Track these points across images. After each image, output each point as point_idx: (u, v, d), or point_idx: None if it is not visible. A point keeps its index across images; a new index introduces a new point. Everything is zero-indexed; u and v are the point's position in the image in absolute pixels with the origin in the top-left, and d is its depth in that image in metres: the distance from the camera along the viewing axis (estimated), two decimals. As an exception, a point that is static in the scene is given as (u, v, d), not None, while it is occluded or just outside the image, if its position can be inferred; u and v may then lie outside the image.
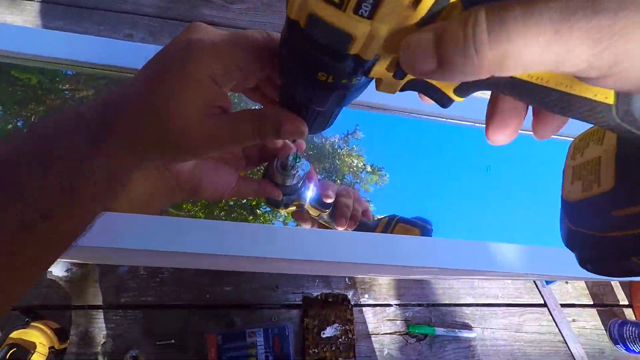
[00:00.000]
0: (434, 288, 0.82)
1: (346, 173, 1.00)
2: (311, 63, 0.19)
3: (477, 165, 0.61)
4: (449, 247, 0.39)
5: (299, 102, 0.25)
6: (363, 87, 0.23)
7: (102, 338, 0.64)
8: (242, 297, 0.72)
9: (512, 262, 0.40)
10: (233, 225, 0.35)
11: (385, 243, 0.38)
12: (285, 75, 0.23)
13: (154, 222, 0.34)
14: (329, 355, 0.71)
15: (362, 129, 0.72)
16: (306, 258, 0.36)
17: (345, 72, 0.19)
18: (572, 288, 0.89)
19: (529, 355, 0.80)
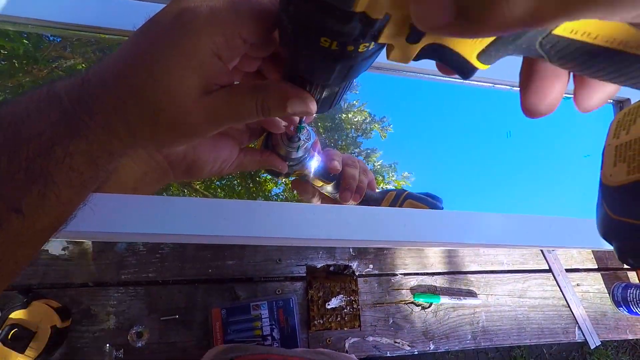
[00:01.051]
0: (439, 257, 0.81)
1: (347, 130, 0.97)
2: (313, 27, 0.17)
3: (498, 130, 0.58)
4: (461, 221, 0.37)
5: (303, 76, 0.22)
6: (372, 58, 0.20)
7: (105, 315, 0.63)
8: (245, 270, 0.71)
9: (528, 235, 0.38)
10: (232, 203, 0.33)
11: (395, 218, 0.36)
12: (286, 44, 0.21)
13: (146, 202, 0.31)
14: (335, 325, 0.71)
15: (367, 88, 0.68)
16: (313, 237, 0.34)
17: (352, 35, 0.17)
18: (578, 253, 0.89)
19: (532, 319, 0.81)
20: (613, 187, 0.18)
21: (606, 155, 0.19)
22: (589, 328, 0.83)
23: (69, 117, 0.20)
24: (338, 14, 0.15)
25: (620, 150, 0.18)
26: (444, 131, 0.52)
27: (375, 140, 0.67)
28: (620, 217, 0.18)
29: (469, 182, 0.49)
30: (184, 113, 0.21)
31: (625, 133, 0.18)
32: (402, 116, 0.60)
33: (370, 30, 0.16)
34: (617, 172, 0.18)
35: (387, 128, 1.10)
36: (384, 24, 0.16)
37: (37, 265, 0.64)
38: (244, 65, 0.25)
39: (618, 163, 0.18)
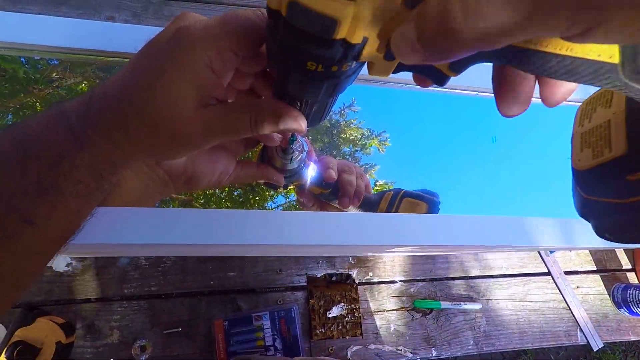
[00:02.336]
0: (438, 262, 0.82)
1: (346, 146, 0.98)
2: (299, 53, 0.18)
3: (483, 136, 0.60)
4: (458, 224, 0.38)
5: (292, 95, 0.24)
6: (355, 74, 0.22)
7: (109, 330, 0.64)
8: (246, 281, 0.72)
9: (523, 236, 0.39)
10: (232, 213, 0.34)
11: (393, 223, 0.37)
12: (275, 66, 0.22)
13: (148, 214, 0.32)
14: (336, 334, 0.71)
15: (361, 102, 0.70)
16: (314, 243, 0.35)
17: (335, 58, 0.18)
18: (576, 255, 0.89)
19: (533, 323, 0.81)
20: (582, 171, 0.20)
21: (574, 143, 0.21)
22: (591, 330, 0.83)
23: (75, 132, 0.22)
24: (321, 42, 0.17)
25: (585, 137, 0.20)
26: (433, 139, 0.54)
27: (373, 155, 0.69)
28: (592, 197, 0.20)
29: (462, 187, 0.50)
30: (182, 124, 0.22)
31: (588, 121, 0.20)
32: (392, 127, 0.62)
33: (351, 53, 0.18)
34: (584, 157, 0.20)
35: (384, 143, 1.11)
36: (363, 46, 0.17)
37: (41, 283, 0.65)
38: (237, 83, 0.27)
39: (584, 149, 0.20)
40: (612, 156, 0.18)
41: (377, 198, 0.52)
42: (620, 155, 0.17)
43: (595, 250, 0.90)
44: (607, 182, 0.18)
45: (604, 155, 0.18)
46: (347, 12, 0.15)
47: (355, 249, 0.56)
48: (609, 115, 0.18)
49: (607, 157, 0.18)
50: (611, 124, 0.18)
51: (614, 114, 0.18)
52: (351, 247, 0.45)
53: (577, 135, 0.21)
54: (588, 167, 0.19)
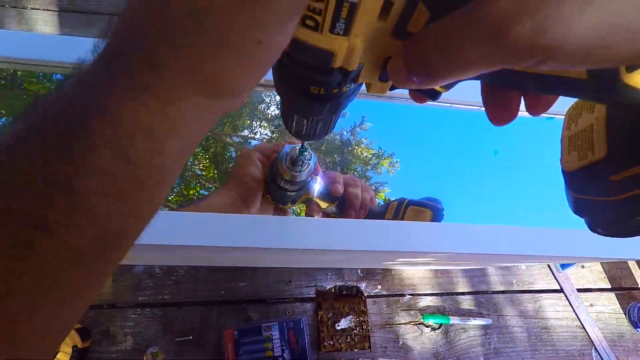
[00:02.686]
0: (447, 277, 0.81)
1: (356, 164, 1.00)
2: (302, 80, 0.21)
3: (485, 149, 0.61)
4: (466, 233, 0.39)
5: (299, 114, 0.26)
6: (355, 93, 0.24)
7: (123, 336, 0.66)
8: (257, 292, 0.73)
9: (534, 246, 0.40)
10: (261, 219, 0.36)
11: (403, 230, 0.38)
12: (282, 93, 0.25)
13: (178, 218, 0.35)
14: (344, 346, 0.71)
15: (369, 119, 0.72)
16: (330, 248, 0.37)
17: (334, 83, 0.20)
18: (589, 272, 0.88)
19: (545, 341, 0.80)
20: (570, 172, 0.21)
21: (562, 145, 0.22)
22: (606, 350, 0.81)
23: (85, 90, 0.15)
24: (321, 71, 0.19)
25: (572, 140, 0.21)
26: (437, 152, 0.56)
27: (383, 174, 0.71)
28: (582, 196, 0.21)
29: (466, 198, 0.51)
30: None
31: (574, 125, 0.21)
32: (398, 141, 0.64)
33: (349, 77, 0.20)
34: (571, 159, 0.21)
35: (395, 165, 1.13)
36: (359, 71, 0.20)
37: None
38: None
39: (571, 152, 0.21)
40: (595, 158, 0.19)
41: (383, 209, 0.54)
42: (601, 157, 0.19)
43: (608, 268, 0.89)
44: (593, 182, 0.20)
45: (588, 158, 0.20)
46: (341, 46, 0.17)
47: (364, 258, 0.57)
48: (592, 120, 0.20)
49: (591, 160, 0.19)
50: (594, 128, 0.20)
51: (596, 119, 0.20)
52: (360, 255, 0.46)
53: (565, 139, 0.22)
54: (575, 168, 0.21)
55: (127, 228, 0.17)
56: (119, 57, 0.14)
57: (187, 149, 0.17)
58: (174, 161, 0.16)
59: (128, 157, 0.15)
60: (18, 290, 0.14)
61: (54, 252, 0.15)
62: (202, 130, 0.17)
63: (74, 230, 0.15)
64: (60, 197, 0.14)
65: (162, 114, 0.14)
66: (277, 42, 0.14)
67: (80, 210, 0.15)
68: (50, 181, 0.14)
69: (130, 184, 0.15)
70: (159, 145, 0.15)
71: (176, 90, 0.14)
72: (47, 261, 0.15)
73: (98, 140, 0.14)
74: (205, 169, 1.94)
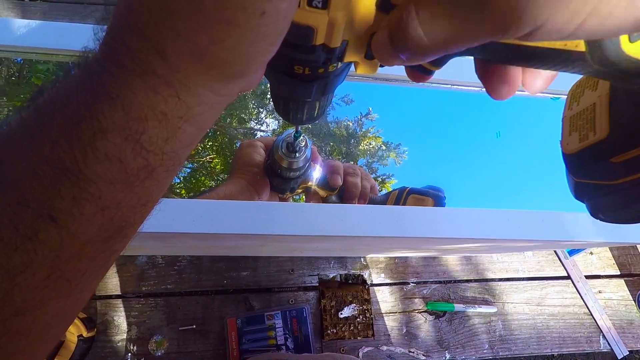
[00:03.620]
0: (451, 264, 0.81)
1: (364, 156, 0.99)
2: (285, 60, 0.20)
3: (487, 131, 0.60)
4: (466, 217, 0.38)
5: (286, 96, 0.25)
6: (343, 73, 0.23)
7: (127, 326, 0.67)
8: (259, 281, 0.73)
9: (536, 230, 0.39)
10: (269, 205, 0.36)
11: (403, 215, 0.37)
12: (267, 75, 0.23)
13: (181, 205, 0.34)
14: (348, 335, 0.71)
15: (375, 109, 0.71)
16: (333, 234, 0.36)
17: (319, 61, 0.19)
18: (597, 259, 0.86)
19: (552, 328, 0.79)
20: (570, 155, 0.20)
21: (563, 126, 0.21)
22: (615, 337, 0.80)
23: (93, 76, 0.14)
24: (302, 48, 0.18)
25: (573, 120, 0.20)
26: (437, 135, 0.55)
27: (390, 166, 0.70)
28: (582, 180, 0.20)
29: (468, 182, 0.50)
30: None
31: (576, 104, 0.20)
32: (397, 124, 0.63)
33: (333, 55, 0.19)
34: (572, 140, 0.20)
35: (402, 155, 1.11)
36: (344, 48, 0.18)
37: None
38: None
39: (572, 132, 0.20)
40: (596, 139, 0.18)
41: (384, 198, 0.53)
42: (603, 138, 0.18)
43: (617, 254, 0.87)
44: (594, 165, 0.19)
45: (589, 139, 0.18)
46: (321, 21, 0.16)
47: (368, 245, 0.56)
48: (595, 98, 0.19)
49: (592, 140, 0.18)
50: (596, 107, 0.18)
51: (599, 97, 0.18)
52: (364, 242, 0.45)
53: (567, 119, 0.21)
54: (575, 150, 0.19)
55: (133, 216, 0.16)
56: (124, 47, 0.13)
57: (200, 133, 0.16)
58: (186, 146, 0.16)
59: (140, 143, 0.14)
60: (22, 283, 0.14)
61: (59, 242, 0.14)
62: (216, 113, 0.16)
63: (81, 219, 0.14)
64: (67, 184, 0.14)
65: (177, 99, 0.14)
66: (283, 10, 0.13)
67: (87, 198, 0.14)
68: (57, 167, 0.13)
69: (140, 170, 0.15)
70: (173, 130, 0.15)
71: (188, 76, 0.14)
72: (52, 253, 0.14)
73: (109, 125, 0.13)
74: (212, 160, 1.94)
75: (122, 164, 0.14)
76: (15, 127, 0.14)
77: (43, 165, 0.13)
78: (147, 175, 0.15)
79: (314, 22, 0.16)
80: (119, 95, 0.13)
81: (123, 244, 0.17)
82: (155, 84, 0.13)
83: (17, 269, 0.14)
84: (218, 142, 1.95)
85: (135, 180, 0.15)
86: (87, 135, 0.13)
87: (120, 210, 0.15)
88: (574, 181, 0.21)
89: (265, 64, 0.15)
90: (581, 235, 0.39)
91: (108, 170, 0.14)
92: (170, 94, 0.14)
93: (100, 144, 0.13)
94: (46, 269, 0.14)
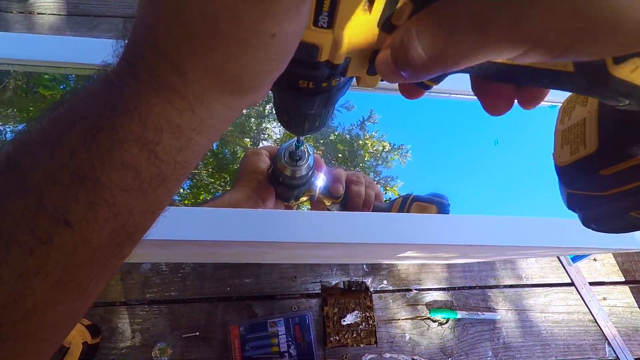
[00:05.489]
0: (454, 271, 0.81)
1: (367, 159, 1.00)
2: (290, 75, 0.20)
3: (485, 139, 0.60)
4: (472, 224, 0.38)
5: (290, 108, 0.26)
6: (346, 86, 0.24)
7: (131, 332, 0.67)
8: (262, 288, 0.73)
9: (540, 236, 0.39)
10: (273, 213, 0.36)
11: (406, 222, 0.38)
12: (272, 88, 0.24)
13: (191, 213, 0.35)
14: (351, 342, 0.71)
15: (377, 111, 0.72)
16: (335, 241, 0.36)
17: (323, 77, 0.20)
18: (601, 265, 0.86)
19: (556, 335, 0.78)
20: (562, 167, 0.21)
21: (555, 140, 0.22)
22: (620, 344, 0.79)
23: (113, 89, 0.15)
24: (308, 64, 0.19)
25: (565, 134, 0.21)
26: (436, 143, 0.55)
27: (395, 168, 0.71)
28: (574, 191, 0.21)
29: (470, 190, 0.50)
30: None
31: (568, 119, 0.21)
32: (395, 132, 0.64)
33: (337, 71, 0.20)
34: (563, 153, 0.20)
35: (406, 155, 1.12)
36: (347, 65, 0.19)
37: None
38: None
39: (564, 145, 0.21)
40: (586, 153, 0.19)
41: (388, 206, 0.53)
42: (592, 152, 0.18)
43: (621, 261, 0.87)
44: (585, 177, 0.19)
45: (579, 152, 0.19)
46: (326, 39, 0.17)
47: (371, 252, 0.56)
48: (585, 113, 0.19)
49: (582, 154, 0.19)
50: (586, 122, 0.19)
51: (589, 112, 0.19)
52: (367, 249, 0.46)
53: (558, 133, 0.22)
54: (567, 163, 0.20)
55: (143, 223, 0.17)
56: (143, 63, 0.14)
57: (209, 144, 0.17)
58: (196, 156, 0.17)
59: (154, 153, 0.15)
60: (35, 286, 0.15)
61: (73, 247, 0.15)
62: (226, 125, 0.17)
63: (95, 224, 0.15)
64: (84, 190, 0.14)
65: (191, 112, 0.15)
66: (291, 32, 0.14)
67: (102, 204, 0.15)
68: (75, 174, 0.14)
69: (154, 179, 0.16)
70: (186, 142, 0.16)
71: (202, 90, 0.14)
72: (65, 257, 0.15)
73: (126, 135, 0.14)
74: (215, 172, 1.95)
75: (137, 173, 0.15)
76: (36, 135, 0.15)
77: (62, 172, 0.14)
78: (160, 183, 0.16)
79: (319, 41, 0.17)
80: (136, 108, 0.14)
81: (130, 250, 0.18)
82: (171, 98, 0.14)
83: (30, 272, 0.14)
84: (221, 155, 1.96)
85: (148, 188, 0.16)
86: (106, 145, 0.14)
87: (132, 217, 0.16)
88: (566, 192, 0.21)
89: (274, 80, 0.16)
90: (585, 242, 0.40)
91: (123, 178, 0.15)
92: (185, 108, 0.15)
93: (117, 153, 0.14)
94: (58, 273, 0.15)
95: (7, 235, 0.14)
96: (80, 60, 0.48)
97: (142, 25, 0.14)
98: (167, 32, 0.13)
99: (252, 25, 0.13)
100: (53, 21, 0.85)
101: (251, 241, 0.35)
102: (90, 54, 0.48)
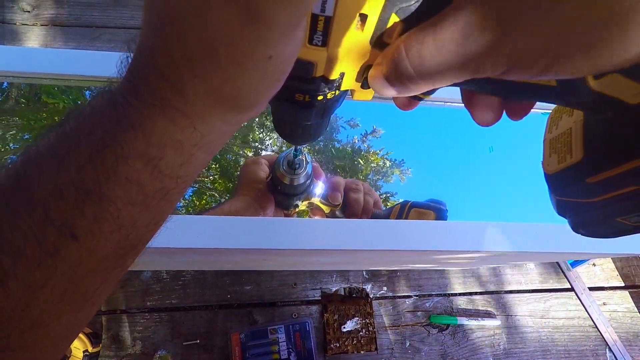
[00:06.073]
0: (454, 277, 0.81)
1: (368, 172, 1.00)
2: (287, 89, 0.21)
3: (480, 146, 0.61)
4: (471, 230, 0.39)
5: (287, 119, 0.27)
6: (341, 98, 0.25)
7: (131, 340, 0.67)
8: (262, 295, 0.74)
9: (539, 242, 0.40)
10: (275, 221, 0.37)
11: (404, 228, 0.38)
12: (270, 102, 0.25)
13: (191, 221, 0.35)
14: (351, 348, 0.71)
15: (378, 124, 0.73)
16: (331, 248, 0.37)
17: (318, 91, 0.21)
18: (601, 270, 0.86)
19: (557, 341, 0.78)
20: (551, 175, 0.21)
21: (544, 148, 0.23)
22: (621, 350, 0.79)
23: (118, 107, 0.15)
24: (304, 80, 0.20)
25: (553, 143, 0.21)
26: (433, 151, 0.56)
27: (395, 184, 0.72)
28: (563, 198, 0.21)
29: (473, 195, 0.51)
30: None
31: (555, 128, 0.21)
32: (393, 140, 0.65)
33: (332, 85, 0.21)
34: (551, 161, 0.21)
35: (406, 172, 1.13)
36: (341, 79, 0.20)
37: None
38: None
39: (552, 154, 0.21)
40: (573, 161, 0.19)
41: (386, 213, 0.54)
42: (578, 160, 0.19)
43: (621, 266, 0.87)
44: (572, 184, 0.20)
45: (566, 161, 0.20)
46: (321, 57, 0.18)
47: (370, 258, 0.57)
48: (571, 123, 0.20)
49: (569, 163, 0.19)
50: (572, 131, 0.20)
51: (575, 122, 0.20)
52: (365, 255, 0.46)
53: (547, 142, 0.22)
54: (555, 171, 0.21)
55: (146, 234, 0.18)
56: (146, 85, 0.15)
57: (209, 158, 0.18)
58: (197, 170, 0.18)
59: (158, 168, 0.16)
60: (42, 298, 0.15)
61: (78, 259, 0.15)
62: (225, 140, 0.18)
63: (100, 237, 0.16)
64: (89, 204, 0.15)
65: (192, 129, 0.16)
66: (287, 53, 0.15)
67: (107, 218, 0.15)
68: (81, 188, 0.15)
69: (157, 192, 0.16)
70: (187, 157, 0.16)
71: (203, 109, 0.15)
72: (71, 269, 0.15)
73: (130, 151, 0.15)
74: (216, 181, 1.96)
75: (141, 187, 0.16)
76: (44, 150, 0.16)
77: (69, 186, 0.15)
78: (162, 197, 0.17)
79: (314, 58, 0.18)
80: (140, 125, 0.15)
81: (133, 260, 0.18)
82: (173, 116, 0.15)
83: (37, 284, 0.15)
84: (222, 163, 1.97)
85: (151, 202, 0.16)
86: (111, 161, 0.15)
87: (136, 229, 0.17)
88: (555, 199, 0.22)
89: (271, 97, 0.17)
90: (583, 247, 0.40)
91: (128, 192, 0.15)
92: (186, 125, 0.15)
93: (122, 169, 0.15)
94: (64, 284, 0.15)
95: (16, 248, 0.14)
96: (82, 73, 0.49)
97: (145, 49, 0.15)
98: (169, 57, 0.14)
99: (248, 49, 0.13)
100: (55, 32, 0.87)
101: (251, 248, 0.36)
102: (92, 66, 0.48)
